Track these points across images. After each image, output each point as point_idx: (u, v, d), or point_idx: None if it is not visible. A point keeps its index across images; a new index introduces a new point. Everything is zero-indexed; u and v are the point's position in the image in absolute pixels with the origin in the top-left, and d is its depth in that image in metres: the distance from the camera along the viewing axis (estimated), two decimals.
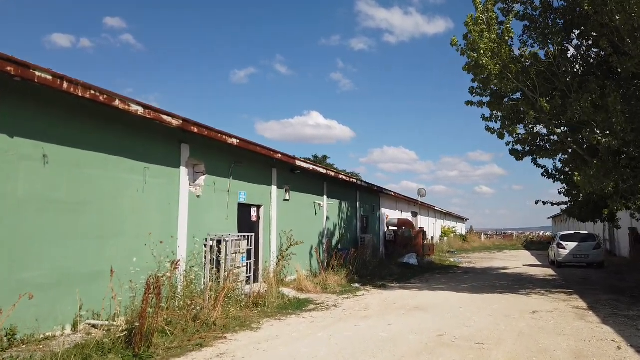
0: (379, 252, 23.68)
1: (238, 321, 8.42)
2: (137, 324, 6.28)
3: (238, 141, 10.68)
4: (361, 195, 21.73)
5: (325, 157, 55.57)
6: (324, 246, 17.01)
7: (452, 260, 26.34)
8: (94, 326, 7.29)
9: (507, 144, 13.48)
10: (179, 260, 7.87)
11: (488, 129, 12.94)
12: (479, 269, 20.85)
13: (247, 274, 11.01)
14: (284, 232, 13.67)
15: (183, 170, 9.73)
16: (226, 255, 10.19)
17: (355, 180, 19.16)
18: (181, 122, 8.78)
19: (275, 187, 13.72)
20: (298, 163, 13.88)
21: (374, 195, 23.94)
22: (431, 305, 10.53)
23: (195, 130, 9.24)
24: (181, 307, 7.79)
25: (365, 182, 20.73)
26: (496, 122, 13.03)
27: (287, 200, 14.45)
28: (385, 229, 25.95)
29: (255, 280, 11.86)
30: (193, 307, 7.85)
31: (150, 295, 6.11)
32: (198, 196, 10.27)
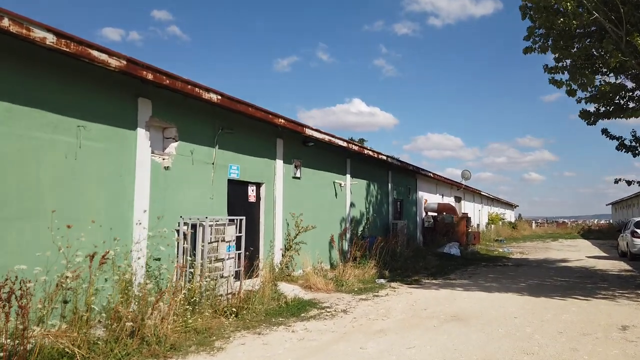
0: (415, 240, 20.90)
1: (201, 336, 6.08)
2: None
3: (219, 97, 8.27)
4: (394, 176, 18.96)
5: (362, 140, 52.67)
6: (348, 234, 14.47)
7: (500, 250, 23.16)
8: None
9: (579, 100, 10.37)
10: (107, 252, 5.59)
11: (553, 81, 9.89)
12: (534, 261, 17.71)
13: (236, 267, 8.68)
14: (292, 216, 11.26)
15: (142, 133, 7.42)
16: (203, 244, 7.87)
17: (385, 157, 16.41)
18: (125, 62, 6.43)
19: (281, 161, 11.26)
20: (308, 132, 11.34)
21: (409, 176, 21.08)
22: (474, 313, 7.82)
23: (150, 77, 6.88)
24: (111, 318, 5.50)
25: (398, 160, 17.90)
26: (563, 74, 9.97)
27: (298, 177, 11.98)
28: (424, 214, 23.07)
29: (253, 275, 9.49)
30: (131, 318, 5.55)
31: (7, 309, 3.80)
32: (167, 167, 7.96)
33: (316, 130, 11.68)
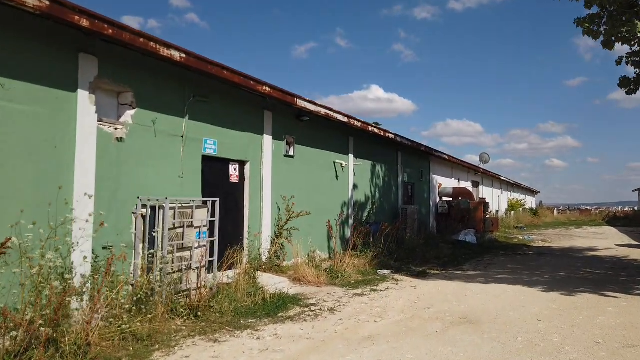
0: (428, 227, 19.46)
1: (140, 344, 4.86)
2: None
3: (183, 55, 6.95)
4: (404, 157, 17.49)
5: (376, 124, 50.98)
6: (350, 220, 13.15)
7: (520, 237, 21.57)
8: None
9: (619, 62, 8.77)
10: (8, 240, 4.38)
11: (589, 31, 8.31)
12: (558, 250, 16.14)
13: (209, 257, 7.43)
14: (282, 199, 9.97)
15: (84, 96, 6.15)
16: (158, 229, 6.63)
17: (392, 136, 14.95)
18: (47, 3, 5.14)
19: (270, 137, 9.93)
20: (301, 103, 9.96)
21: (422, 158, 19.57)
22: (488, 314, 6.44)
23: (85, 23, 5.58)
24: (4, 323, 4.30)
25: (409, 140, 16.42)
26: (598, 27, 8.38)
27: (291, 156, 10.65)
28: (438, 199, 21.57)
29: (235, 266, 8.23)
30: (37, 323, 4.35)
31: None
32: (120, 139, 6.70)
33: (310, 101, 10.29)
